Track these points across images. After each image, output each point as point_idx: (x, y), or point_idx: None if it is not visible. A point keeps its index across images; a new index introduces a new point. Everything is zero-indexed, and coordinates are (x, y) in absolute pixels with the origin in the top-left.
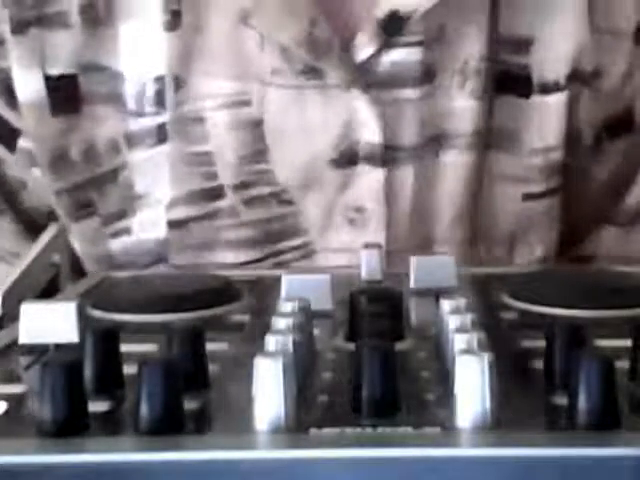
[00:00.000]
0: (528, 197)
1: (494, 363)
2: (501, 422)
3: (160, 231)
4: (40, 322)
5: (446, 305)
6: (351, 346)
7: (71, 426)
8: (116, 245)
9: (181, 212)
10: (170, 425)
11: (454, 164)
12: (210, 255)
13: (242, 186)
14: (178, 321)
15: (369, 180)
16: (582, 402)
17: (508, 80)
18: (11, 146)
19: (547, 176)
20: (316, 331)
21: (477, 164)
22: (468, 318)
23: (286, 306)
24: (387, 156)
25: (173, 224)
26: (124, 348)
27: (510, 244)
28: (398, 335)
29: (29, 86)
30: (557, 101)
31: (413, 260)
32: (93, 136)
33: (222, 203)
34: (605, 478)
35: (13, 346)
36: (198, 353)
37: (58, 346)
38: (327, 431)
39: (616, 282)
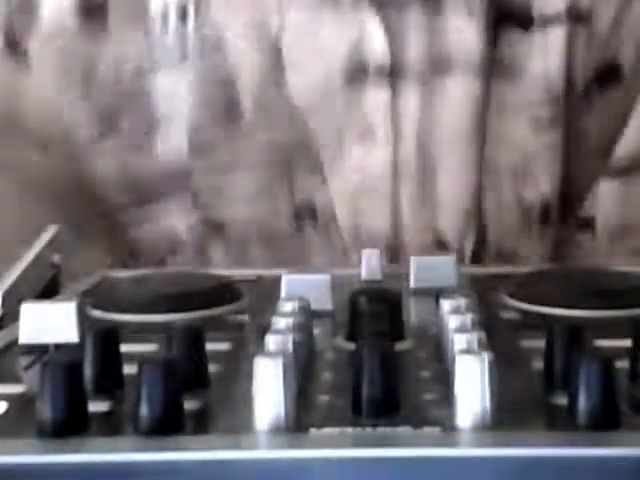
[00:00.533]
0: (532, 126)
1: (494, 363)
2: (501, 422)
3: (182, 154)
4: (40, 322)
5: (446, 305)
6: (351, 346)
7: (71, 426)
8: (140, 167)
9: (202, 135)
10: (170, 425)
11: (459, 90)
12: (230, 179)
13: (260, 108)
14: (178, 321)
15: (377, 98)
16: (582, 402)
17: (510, 13)
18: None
19: (550, 106)
20: (316, 331)
21: (481, 93)
22: (468, 318)
23: (286, 306)
24: (395, 75)
25: (193, 145)
26: (124, 348)
27: (515, 175)
28: (398, 335)
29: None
30: (557, 34)
31: (413, 260)
32: (119, 58)
33: (242, 123)
34: (605, 478)
35: (13, 346)
36: (198, 353)
37: (58, 346)
38: (327, 431)
39: (616, 282)
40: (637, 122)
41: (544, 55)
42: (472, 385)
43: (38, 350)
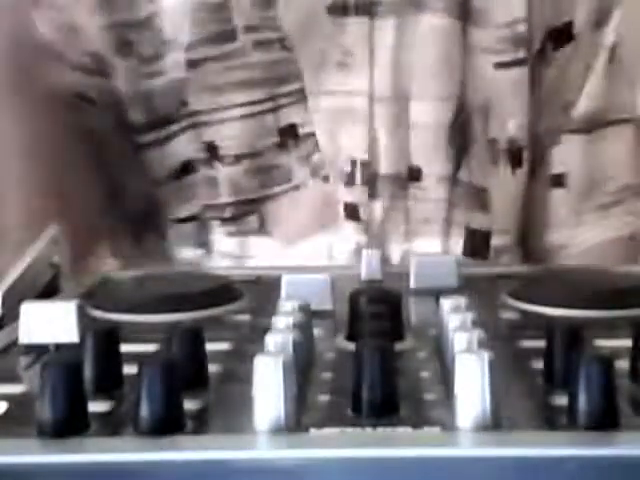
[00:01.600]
0: (499, 66)
1: (494, 363)
2: (501, 422)
3: (181, 71)
4: (40, 322)
5: (446, 305)
6: (351, 346)
7: (71, 426)
8: (151, 85)
9: (199, 53)
10: (170, 425)
11: (431, 26)
12: (220, 97)
13: (252, 29)
14: (178, 321)
15: (357, 28)
16: (582, 402)
17: None
18: None
19: (515, 47)
20: (316, 331)
21: (452, 31)
22: (468, 318)
23: (286, 306)
24: (372, 8)
25: (191, 63)
26: (124, 348)
27: (484, 113)
28: (398, 335)
29: None
30: None
31: (413, 260)
32: None
33: (234, 45)
34: (605, 478)
35: (13, 346)
36: (198, 353)
37: (58, 346)
38: (327, 431)
39: (616, 282)
40: (596, 80)
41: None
42: (472, 385)
43: (38, 350)
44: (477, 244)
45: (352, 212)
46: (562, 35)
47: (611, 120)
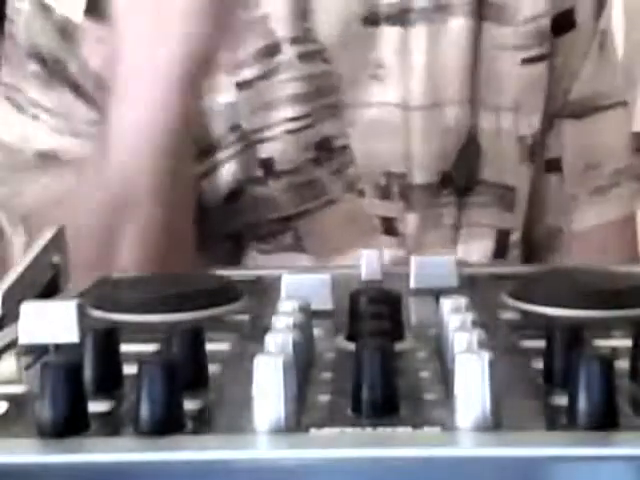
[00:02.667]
0: (526, 62)
1: (494, 363)
2: (501, 422)
3: (230, 95)
4: (40, 322)
5: (446, 305)
6: (351, 346)
7: (71, 426)
8: (205, 112)
9: (247, 73)
10: (170, 425)
11: (459, 28)
12: (273, 114)
13: (296, 40)
14: (178, 321)
15: (389, 38)
16: (582, 402)
17: None
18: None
19: (540, 41)
20: (316, 331)
21: (479, 32)
22: (468, 318)
23: (286, 306)
24: (404, 17)
25: (242, 85)
26: (124, 348)
27: (513, 111)
28: (398, 335)
29: None
30: None
31: (413, 260)
32: None
33: (281, 57)
34: (605, 478)
35: (13, 346)
36: (198, 353)
37: (58, 346)
38: (327, 431)
39: (616, 282)
40: (590, 65)
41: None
42: (472, 385)
43: (38, 350)
44: (503, 244)
45: (389, 226)
46: (564, 22)
47: (604, 104)
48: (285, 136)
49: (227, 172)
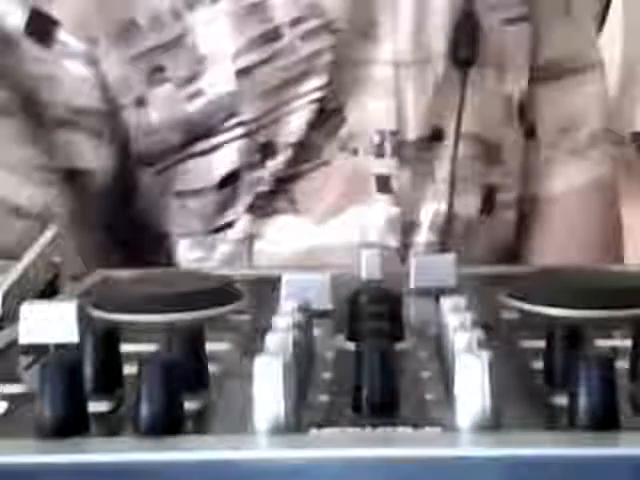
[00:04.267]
0: (507, 21)
1: (494, 363)
2: (501, 422)
3: (230, 84)
4: (40, 322)
5: (446, 304)
6: (351, 346)
7: (71, 426)
8: (190, 108)
9: (246, 60)
10: (170, 425)
11: None
12: (275, 98)
13: (296, 22)
14: (178, 321)
15: None
16: (582, 402)
17: None
18: (46, 41)
19: (520, 2)
20: (316, 331)
21: None
22: (468, 318)
23: (286, 306)
24: None
25: (240, 73)
26: (124, 348)
27: (498, 70)
28: (398, 335)
29: None
30: None
31: (413, 260)
32: (155, 4)
33: (281, 42)
34: (605, 478)
35: (13, 346)
36: (198, 353)
37: (58, 346)
38: (327, 431)
39: (616, 282)
40: (558, 28)
41: None
42: (472, 385)
43: (38, 350)
44: (488, 200)
45: (383, 184)
46: None
47: (576, 67)
48: (298, 112)
49: (221, 157)
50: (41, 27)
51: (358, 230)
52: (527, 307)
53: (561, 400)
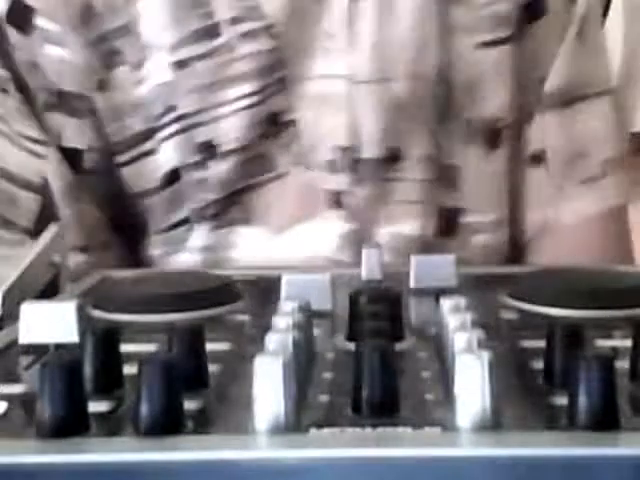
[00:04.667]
0: (482, 46)
1: (494, 363)
2: (501, 422)
3: (167, 74)
4: (40, 322)
5: (446, 305)
6: (351, 346)
7: (71, 426)
8: (140, 93)
9: (184, 53)
10: (170, 425)
11: (411, 5)
12: (211, 96)
13: (236, 21)
14: (178, 321)
15: (337, 8)
16: (582, 402)
17: None
18: (25, 28)
19: (496, 26)
20: (316, 331)
21: (432, 10)
22: (468, 318)
23: (286, 306)
24: None
25: (178, 65)
26: (124, 348)
27: (465, 93)
28: (398, 335)
29: None
30: None
31: (413, 260)
32: None
33: (219, 40)
34: (605, 478)
35: (13, 346)
36: (198, 353)
37: (58, 346)
38: (327, 431)
39: (616, 282)
40: (567, 53)
41: None
42: (472, 385)
43: (38, 350)
44: (448, 223)
45: (336, 200)
46: (536, 8)
47: (587, 93)
48: (232, 116)
49: (164, 154)
50: (20, 14)
51: (311, 245)
52: (527, 307)
53: (561, 400)
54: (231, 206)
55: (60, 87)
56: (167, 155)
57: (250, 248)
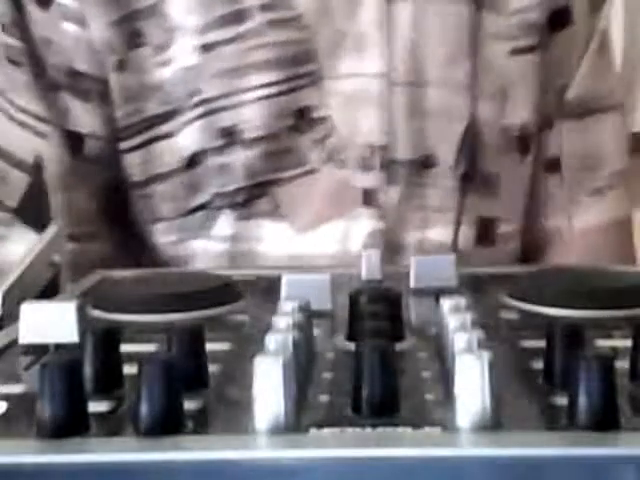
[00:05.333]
0: (514, 53)
1: (494, 363)
2: (501, 422)
3: (193, 58)
4: (40, 322)
5: (446, 305)
6: (351, 346)
7: (71, 426)
8: (162, 75)
9: (210, 37)
10: (170, 425)
11: (448, 12)
12: (236, 81)
13: (267, 7)
14: (178, 321)
15: (373, 9)
16: (582, 402)
17: None
18: (45, 2)
19: (527, 33)
20: (316, 331)
21: (468, 17)
22: (468, 318)
23: (286, 306)
24: None
25: (204, 48)
26: (124, 348)
27: (498, 101)
28: (398, 335)
29: None
30: None
31: (413, 260)
32: None
33: (249, 25)
34: (605, 478)
35: (13, 346)
36: (198, 353)
37: (58, 346)
38: (327, 431)
39: (616, 282)
40: (588, 64)
41: None
42: (472, 385)
43: (38, 350)
44: (486, 232)
45: (369, 198)
46: (560, 18)
47: (602, 106)
48: (255, 103)
49: (185, 137)
50: None
51: (340, 242)
52: (527, 307)
53: (561, 400)
54: (258, 197)
55: (72, 66)
56: (189, 139)
57: (276, 243)
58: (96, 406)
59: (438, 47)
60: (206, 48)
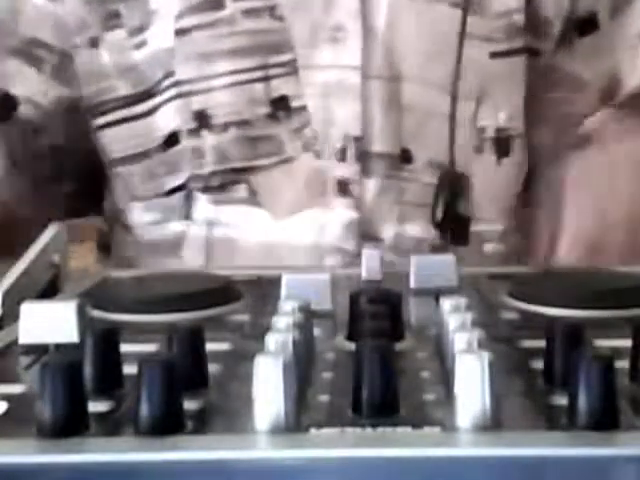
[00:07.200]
0: (495, 55)
1: (494, 363)
2: (501, 422)
3: (168, 41)
4: (40, 322)
5: (446, 305)
6: (351, 346)
7: (71, 426)
8: (137, 57)
9: (187, 22)
10: (170, 425)
11: (428, 10)
12: (209, 66)
13: None
14: (178, 321)
15: (349, 1)
16: (582, 402)
17: None
18: None
19: (510, 36)
20: (316, 331)
21: (450, 17)
22: (468, 318)
23: (286, 306)
24: None
25: (179, 32)
26: (124, 348)
27: (476, 101)
28: (398, 335)
29: None
30: None
31: (413, 260)
32: None
33: (223, 13)
34: (605, 478)
35: (13, 346)
36: (198, 353)
37: (58, 346)
38: (327, 431)
39: (616, 282)
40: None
41: None
42: (472, 385)
43: (38, 350)
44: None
45: (344, 188)
46: (586, 24)
47: None
48: (227, 88)
49: (161, 117)
50: None
51: (315, 231)
52: (527, 307)
53: (561, 400)
54: (233, 183)
55: (36, 35)
56: (165, 119)
57: (253, 229)
58: (96, 406)
59: (416, 44)
60: (181, 32)
